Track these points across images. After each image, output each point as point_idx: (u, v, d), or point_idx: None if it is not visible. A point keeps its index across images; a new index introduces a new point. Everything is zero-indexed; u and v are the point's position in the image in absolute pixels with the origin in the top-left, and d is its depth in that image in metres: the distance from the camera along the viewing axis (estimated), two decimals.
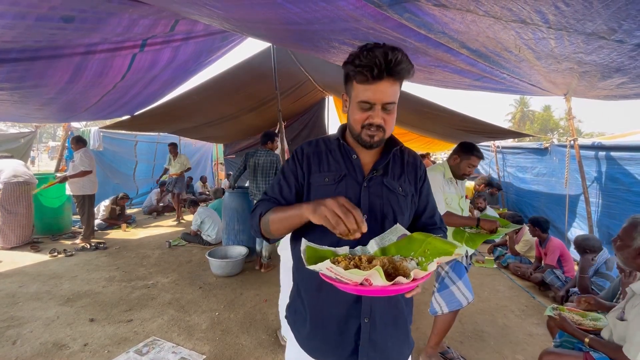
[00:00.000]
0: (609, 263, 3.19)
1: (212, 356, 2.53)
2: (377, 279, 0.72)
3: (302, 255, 0.85)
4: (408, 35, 1.67)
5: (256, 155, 4.18)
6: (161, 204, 8.06)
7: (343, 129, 1.14)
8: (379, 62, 0.90)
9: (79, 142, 5.35)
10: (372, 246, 0.92)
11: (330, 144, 1.13)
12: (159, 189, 8.17)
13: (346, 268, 0.77)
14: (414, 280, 0.74)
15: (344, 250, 0.91)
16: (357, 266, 0.81)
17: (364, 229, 0.79)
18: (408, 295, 0.85)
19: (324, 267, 0.75)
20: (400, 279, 0.74)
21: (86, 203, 5.28)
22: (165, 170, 7.46)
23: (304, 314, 1.09)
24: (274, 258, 4.22)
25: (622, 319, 1.68)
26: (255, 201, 3.95)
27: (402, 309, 1.09)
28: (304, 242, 0.89)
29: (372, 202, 1.03)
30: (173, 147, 7.22)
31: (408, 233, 0.90)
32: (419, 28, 1.53)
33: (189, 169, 7.37)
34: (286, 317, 1.18)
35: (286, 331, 1.19)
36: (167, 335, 2.79)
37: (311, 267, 0.77)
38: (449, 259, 0.80)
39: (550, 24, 1.12)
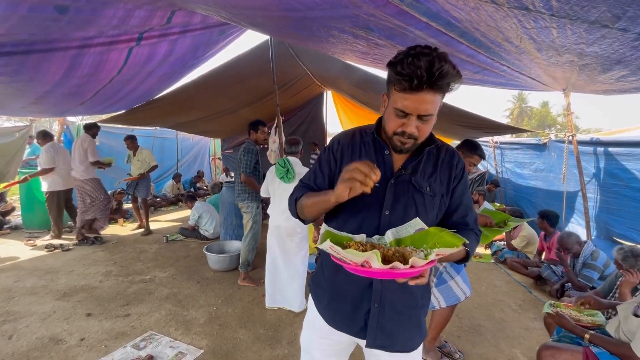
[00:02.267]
0: (594, 254, 3.28)
1: (210, 350, 2.52)
2: (375, 262, 0.77)
3: (320, 236, 0.94)
4: (409, 23, 1.65)
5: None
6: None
7: (379, 123, 1.13)
8: (420, 74, 0.85)
9: (45, 137, 5.12)
10: (389, 236, 0.96)
11: (366, 137, 1.13)
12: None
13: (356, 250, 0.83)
14: (411, 267, 0.78)
15: (361, 237, 0.96)
16: (365, 251, 0.85)
17: (378, 173, 0.85)
18: (411, 283, 0.87)
19: (327, 246, 0.83)
20: (396, 264, 0.78)
21: (54, 199, 5.06)
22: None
23: (324, 287, 1.18)
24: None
25: (636, 315, 1.67)
26: (238, 200, 3.76)
27: (417, 300, 1.12)
28: (324, 227, 0.98)
29: (396, 199, 1.04)
30: (130, 141, 5.89)
31: (426, 227, 0.92)
32: (420, 15, 1.51)
33: (154, 167, 5.89)
34: (309, 285, 1.29)
35: None
36: (165, 329, 2.78)
37: (319, 246, 0.87)
38: (450, 251, 0.82)
39: (553, 10, 1.10)
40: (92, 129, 5.23)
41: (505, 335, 2.87)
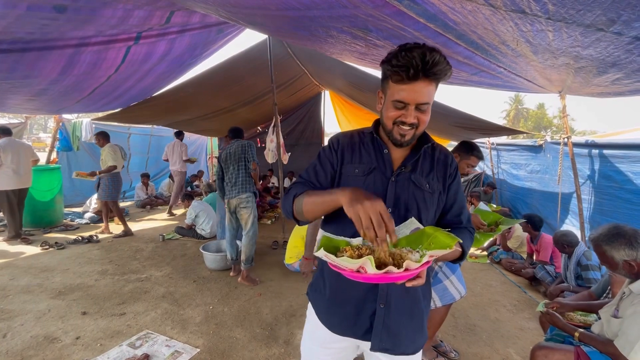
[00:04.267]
0: (587, 254, 3.28)
1: (206, 349, 2.52)
2: (369, 267, 0.76)
3: (317, 242, 0.92)
4: (407, 24, 1.66)
5: (227, 148, 3.90)
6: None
7: (377, 123, 1.16)
8: (415, 63, 0.90)
9: (2, 133, 4.91)
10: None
11: (365, 137, 1.15)
12: (140, 183, 8.01)
13: (351, 257, 0.84)
14: (405, 270, 0.78)
15: (358, 241, 0.95)
16: (361, 256, 0.85)
17: (394, 239, 0.83)
18: (409, 284, 0.87)
19: (322, 255, 0.81)
20: (391, 268, 0.77)
21: (4, 199, 4.80)
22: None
23: (324, 293, 1.15)
24: (259, 267, 4.22)
25: (616, 317, 1.70)
26: (226, 203, 3.78)
27: (419, 300, 1.12)
28: (321, 232, 0.96)
29: (397, 197, 1.06)
30: (97, 137, 5.40)
31: (421, 227, 0.93)
32: (418, 16, 1.52)
33: (110, 168, 5.22)
34: (307, 294, 1.26)
35: None
36: (161, 328, 2.78)
37: (315, 253, 0.85)
38: (444, 252, 0.82)
39: (549, 14, 1.12)
40: (180, 135, 7.29)
41: (500, 335, 2.90)
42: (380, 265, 0.81)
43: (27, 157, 5.02)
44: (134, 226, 6.13)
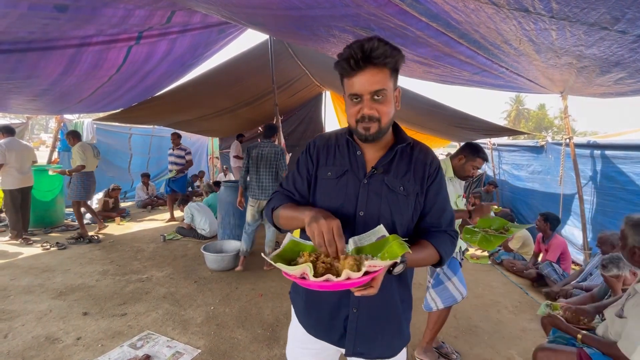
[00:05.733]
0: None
1: (207, 350, 2.51)
2: (310, 274, 0.78)
3: (281, 246, 0.94)
4: (410, 23, 1.65)
5: (259, 146, 3.98)
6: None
7: None
8: (354, 53, 0.92)
9: (3, 131, 4.90)
10: (351, 245, 0.94)
11: (341, 139, 1.14)
12: (141, 184, 7.99)
13: (305, 262, 0.84)
14: (348, 279, 0.77)
15: None
16: (315, 261, 0.86)
17: (342, 257, 0.85)
18: (357, 294, 0.86)
19: (270, 259, 0.86)
20: (329, 276, 0.77)
21: (8, 198, 4.86)
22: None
23: (301, 294, 1.16)
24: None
25: (620, 316, 1.69)
26: (250, 197, 3.93)
27: (396, 305, 1.09)
28: (288, 236, 0.95)
29: (370, 200, 1.03)
30: (67, 136, 5.30)
31: (387, 235, 0.91)
32: (421, 15, 1.51)
33: (78, 167, 5.03)
34: (290, 292, 1.26)
35: None
36: (162, 329, 2.77)
37: (266, 257, 0.88)
38: (385, 264, 0.81)
39: (553, 12, 1.11)
40: (240, 137, 7.95)
41: (502, 337, 2.88)
42: (334, 273, 0.80)
43: (29, 157, 5.06)
44: (134, 226, 6.13)
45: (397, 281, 1.07)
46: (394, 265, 0.88)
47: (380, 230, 0.92)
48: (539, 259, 4.23)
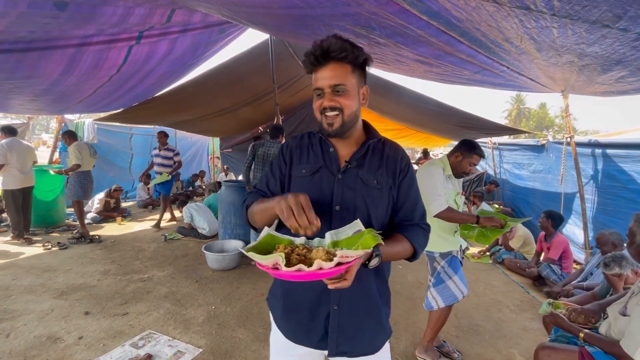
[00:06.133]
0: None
1: (209, 350, 2.51)
2: (282, 264, 0.78)
3: (258, 239, 0.93)
4: (410, 22, 1.65)
5: (266, 145, 4.14)
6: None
7: None
8: (314, 50, 0.99)
9: (5, 131, 4.91)
10: (327, 239, 0.95)
11: (314, 138, 1.17)
12: (142, 184, 7.94)
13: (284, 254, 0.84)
14: (320, 269, 0.77)
15: (301, 240, 0.95)
16: (290, 253, 0.87)
17: (315, 227, 0.85)
18: (331, 287, 0.87)
19: (245, 251, 0.85)
20: (301, 266, 0.77)
21: (9, 198, 4.85)
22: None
23: (279, 298, 1.15)
24: None
25: (624, 314, 1.69)
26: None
27: (375, 299, 1.10)
28: (266, 230, 0.94)
29: (345, 194, 1.05)
30: (63, 136, 5.35)
31: (363, 229, 0.92)
32: (421, 14, 1.51)
33: (74, 167, 5.03)
34: (267, 299, 1.24)
35: None
36: (163, 328, 2.77)
37: (242, 249, 0.89)
38: (357, 254, 0.81)
39: (554, 10, 1.11)
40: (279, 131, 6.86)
41: (503, 335, 2.88)
42: (307, 264, 0.80)
43: (31, 157, 5.07)
44: (135, 226, 6.14)
45: (374, 275, 1.09)
46: (370, 258, 0.91)
47: (357, 224, 0.94)
48: (541, 257, 4.23)
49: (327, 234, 0.95)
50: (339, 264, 0.79)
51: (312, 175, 1.09)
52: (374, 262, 0.92)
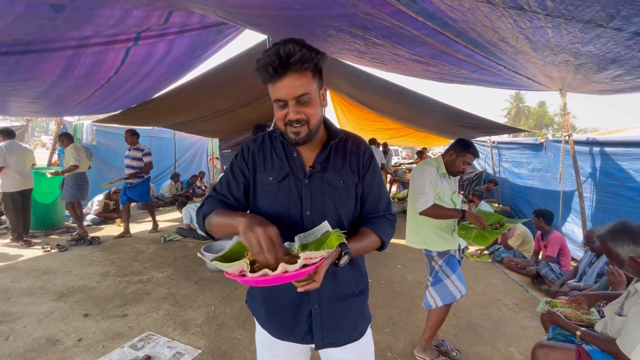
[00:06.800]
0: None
1: (208, 351, 2.52)
2: (247, 270, 0.80)
3: (228, 247, 0.93)
4: (406, 22, 1.65)
5: None
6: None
7: None
8: (271, 60, 0.90)
9: (3, 134, 4.93)
10: (296, 242, 0.96)
11: (275, 141, 1.13)
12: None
13: (250, 261, 0.85)
14: (285, 272, 0.78)
15: None
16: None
17: (281, 269, 0.82)
18: (300, 289, 0.88)
19: (207, 259, 0.87)
20: (266, 271, 0.79)
21: (8, 201, 4.86)
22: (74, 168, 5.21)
23: (260, 301, 1.15)
24: None
25: (620, 314, 1.70)
26: None
27: (352, 289, 1.12)
28: (235, 238, 0.93)
29: (313, 198, 1.05)
30: (60, 138, 5.43)
31: (331, 230, 0.93)
32: (417, 15, 1.51)
33: (71, 168, 5.09)
34: (246, 301, 1.24)
35: None
36: (163, 330, 2.78)
37: (204, 257, 0.93)
38: (319, 254, 0.82)
39: (548, 10, 1.11)
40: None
41: (502, 334, 2.89)
42: (272, 268, 0.81)
43: (29, 160, 5.09)
44: (134, 227, 6.14)
45: (350, 269, 1.10)
46: (339, 257, 0.92)
47: (325, 226, 0.95)
48: (540, 256, 4.24)
49: (296, 238, 0.96)
50: (304, 265, 0.80)
51: (280, 182, 1.07)
52: (344, 260, 0.93)
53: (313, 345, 1.11)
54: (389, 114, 7.59)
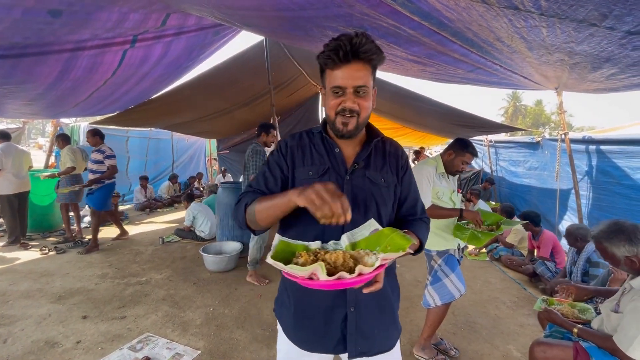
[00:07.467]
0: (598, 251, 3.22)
1: (207, 351, 2.52)
2: (321, 274, 0.75)
3: (272, 248, 0.88)
4: (402, 22, 1.67)
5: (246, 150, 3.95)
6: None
7: (325, 122, 1.14)
8: (343, 45, 0.93)
9: (1, 138, 4.90)
10: (344, 241, 0.94)
11: (314, 138, 1.14)
12: (139, 186, 7.93)
13: (305, 263, 0.81)
14: (359, 275, 0.76)
15: (316, 245, 0.93)
16: (317, 260, 0.83)
17: (349, 216, 0.80)
18: (366, 291, 0.86)
19: (272, 262, 0.79)
20: (342, 274, 0.75)
21: (5, 203, 4.80)
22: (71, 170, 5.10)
23: (288, 306, 1.11)
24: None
25: (616, 312, 1.71)
26: None
27: (388, 296, 1.10)
28: (277, 237, 0.92)
29: (355, 195, 1.04)
30: (57, 139, 5.37)
31: (380, 228, 0.91)
32: (412, 15, 1.52)
33: (68, 169, 5.00)
34: (274, 310, 1.20)
35: None
36: (162, 331, 2.77)
37: (267, 260, 0.82)
38: (397, 255, 0.80)
39: (542, 10, 1.12)
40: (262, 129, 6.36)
41: (500, 332, 2.90)
42: (334, 269, 0.79)
43: (26, 162, 5.05)
44: (132, 229, 6.12)
45: (385, 272, 1.07)
46: (420, 247, 0.92)
47: (373, 224, 0.93)
48: (535, 254, 4.27)
49: (344, 236, 0.94)
50: (379, 267, 0.78)
51: (320, 177, 1.05)
52: (420, 252, 0.94)
53: (341, 357, 1.07)
54: (386, 113, 7.61)
